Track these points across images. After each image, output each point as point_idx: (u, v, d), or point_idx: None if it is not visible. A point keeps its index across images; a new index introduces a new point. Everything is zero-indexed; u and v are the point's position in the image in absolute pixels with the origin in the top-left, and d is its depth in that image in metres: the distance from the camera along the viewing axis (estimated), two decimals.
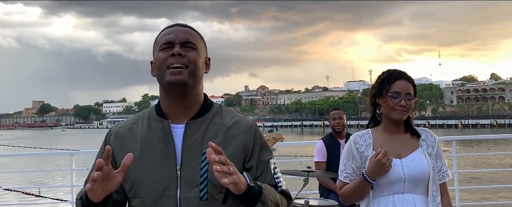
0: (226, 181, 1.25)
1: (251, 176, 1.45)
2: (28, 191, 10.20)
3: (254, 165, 1.49)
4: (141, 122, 1.53)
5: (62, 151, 10.77)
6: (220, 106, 1.57)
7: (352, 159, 2.27)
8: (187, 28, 1.52)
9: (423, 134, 2.27)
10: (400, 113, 2.17)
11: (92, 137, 71.59)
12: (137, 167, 1.42)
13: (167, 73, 1.42)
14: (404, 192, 2.16)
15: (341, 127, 4.65)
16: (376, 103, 2.28)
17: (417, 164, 2.17)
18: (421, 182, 2.18)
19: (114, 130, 1.56)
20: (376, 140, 2.25)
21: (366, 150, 2.23)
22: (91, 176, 1.27)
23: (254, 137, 1.50)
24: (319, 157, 4.62)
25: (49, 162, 23.80)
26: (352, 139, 2.30)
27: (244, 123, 1.52)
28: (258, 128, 1.55)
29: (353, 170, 2.26)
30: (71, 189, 5.68)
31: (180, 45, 1.44)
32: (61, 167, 19.22)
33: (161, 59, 1.44)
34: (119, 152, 1.46)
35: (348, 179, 2.28)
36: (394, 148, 2.20)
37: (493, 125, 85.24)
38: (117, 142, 1.51)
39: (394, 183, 2.15)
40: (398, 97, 2.17)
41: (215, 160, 1.25)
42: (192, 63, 1.43)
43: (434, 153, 2.24)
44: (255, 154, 1.49)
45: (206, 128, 1.47)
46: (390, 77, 2.22)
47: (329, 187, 4.50)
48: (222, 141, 1.44)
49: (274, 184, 1.50)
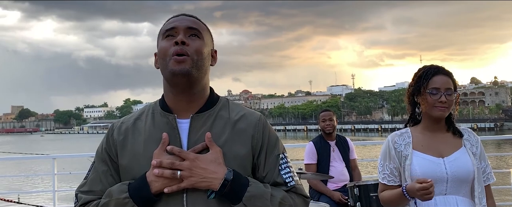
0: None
1: (260, 173, 1.39)
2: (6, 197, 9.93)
3: (263, 161, 1.41)
4: (145, 117, 1.45)
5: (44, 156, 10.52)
6: (227, 100, 1.50)
7: (390, 160, 2.19)
8: (192, 18, 1.45)
9: (465, 134, 2.19)
10: (441, 110, 2.09)
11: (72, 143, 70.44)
12: (141, 163, 1.35)
13: (170, 62, 1.34)
14: (446, 193, 2.07)
15: (331, 128, 4.59)
16: (414, 102, 2.20)
17: (461, 163, 2.08)
18: (465, 183, 2.08)
19: (117, 125, 1.47)
20: (416, 138, 2.17)
21: (406, 149, 2.15)
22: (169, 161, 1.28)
23: (262, 132, 1.43)
24: (309, 159, 4.56)
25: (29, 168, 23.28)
26: (390, 139, 2.22)
27: (252, 117, 1.45)
28: (267, 122, 1.47)
29: (391, 171, 2.18)
30: (53, 194, 5.51)
31: (184, 32, 1.37)
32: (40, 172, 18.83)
33: (165, 48, 1.37)
34: (122, 147, 1.40)
35: (385, 180, 2.20)
36: (436, 147, 2.13)
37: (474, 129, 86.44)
38: (120, 137, 1.42)
39: (436, 184, 2.04)
40: (437, 93, 2.09)
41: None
42: (196, 52, 1.36)
43: (478, 154, 2.16)
44: (263, 150, 1.42)
45: (212, 122, 1.40)
46: (427, 73, 2.15)
47: (319, 189, 4.44)
48: (229, 136, 1.38)
49: (282, 181, 1.41)
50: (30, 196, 11.92)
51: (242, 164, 1.36)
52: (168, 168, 1.28)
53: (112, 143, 1.42)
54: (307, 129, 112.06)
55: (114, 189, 1.33)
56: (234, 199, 1.30)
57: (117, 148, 1.40)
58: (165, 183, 1.29)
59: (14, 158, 20.68)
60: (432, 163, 2.08)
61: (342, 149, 4.59)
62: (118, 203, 1.30)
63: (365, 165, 17.21)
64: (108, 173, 1.40)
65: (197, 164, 1.29)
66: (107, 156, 1.42)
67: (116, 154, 1.40)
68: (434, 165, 2.07)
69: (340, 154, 4.56)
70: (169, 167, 1.28)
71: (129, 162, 1.37)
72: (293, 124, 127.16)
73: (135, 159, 1.36)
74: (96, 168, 1.43)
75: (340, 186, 4.44)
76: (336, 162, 4.51)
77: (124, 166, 1.38)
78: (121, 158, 1.39)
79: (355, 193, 3.90)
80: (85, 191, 1.40)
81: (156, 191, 1.29)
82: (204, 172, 1.29)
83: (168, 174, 1.28)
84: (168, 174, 1.28)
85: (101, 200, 1.34)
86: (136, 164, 1.35)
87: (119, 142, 1.41)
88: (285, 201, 1.37)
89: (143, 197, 1.29)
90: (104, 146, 1.44)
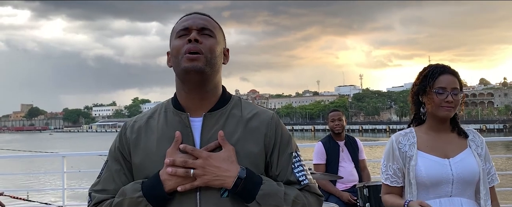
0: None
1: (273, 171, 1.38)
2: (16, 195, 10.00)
3: (276, 159, 1.40)
4: (158, 115, 1.45)
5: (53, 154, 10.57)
6: (239, 99, 1.49)
7: (393, 160, 2.15)
8: (205, 16, 1.45)
9: (470, 134, 2.16)
10: (448, 110, 2.06)
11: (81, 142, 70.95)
12: (154, 162, 1.34)
13: (183, 60, 1.34)
14: (452, 195, 2.03)
15: (340, 128, 4.57)
16: (419, 101, 2.17)
17: (466, 164, 2.05)
18: (470, 185, 2.05)
19: (130, 124, 1.48)
20: (421, 139, 2.14)
21: (410, 150, 2.12)
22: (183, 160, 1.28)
23: (275, 130, 1.42)
24: (318, 159, 4.54)
25: (37, 166, 23.44)
26: (393, 139, 2.18)
27: (264, 116, 1.44)
28: (280, 120, 1.46)
29: (394, 171, 2.15)
30: (62, 192, 5.54)
31: (197, 31, 1.37)
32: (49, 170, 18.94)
33: (178, 46, 1.37)
34: (135, 146, 1.40)
35: (388, 181, 2.16)
36: (441, 148, 2.10)
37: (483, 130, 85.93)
38: (133, 135, 1.42)
39: (442, 185, 2.02)
40: (444, 93, 2.05)
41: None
42: (209, 50, 1.36)
43: (483, 155, 2.13)
44: (276, 148, 1.41)
45: (225, 120, 1.39)
46: (433, 72, 2.11)
47: (328, 189, 4.42)
48: (241, 134, 1.37)
49: (296, 179, 1.40)
50: (39, 194, 12.00)
51: (255, 163, 1.35)
52: (181, 166, 1.28)
53: (125, 142, 1.42)
54: (315, 129, 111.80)
55: (128, 188, 1.33)
56: (247, 198, 1.29)
57: (130, 147, 1.40)
58: (178, 181, 1.28)
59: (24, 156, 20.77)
60: (437, 164, 2.05)
61: (351, 150, 4.57)
62: (131, 202, 1.30)
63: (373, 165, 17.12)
64: (121, 172, 1.40)
65: (210, 162, 1.29)
66: (120, 155, 1.42)
67: (129, 152, 1.40)
68: (439, 166, 2.03)
69: (349, 154, 4.54)
70: (182, 165, 1.28)
71: (142, 161, 1.37)
72: (300, 124, 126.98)
73: (148, 158, 1.36)
74: (109, 167, 1.43)
75: (349, 187, 4.42)
76: (345, 162, 4.49)
77: (137, 164, 1.38)
78: (134, 157, 1.39)
79: (364, 194, 3.88)
80: (98, 190, 1.40)
81: (169, 190, 1.29)
82: (217, 170, 1.28)
83: (181, 172, 1.27)
84: (181, 172, 1.27)
85: (115, 199, 1.34)
86: (149, 163, 1.35)
87: (132, 140, 1.41)
88: (299, 199, 1.36)
89: (156, 196, 1.29)
90: (117, 145, 1.44)
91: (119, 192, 1.34)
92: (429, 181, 2.03)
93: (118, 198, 1.33)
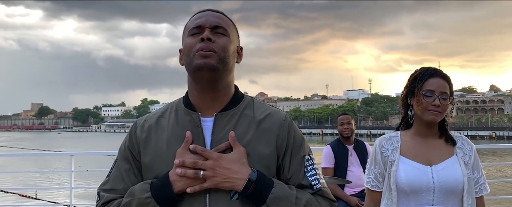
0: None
1: (284, 174, 1.36)
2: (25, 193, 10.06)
3: (288, 162, 1.37)
4: (169, 115, 1.43)
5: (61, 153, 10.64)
6: (252, 99, 1.47)
7: (375, 164, 2.10)
8: (218, 13, 1.42)
9: (459, 141, 2.07)
10: (434, 114, 1.97)
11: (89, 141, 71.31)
12: (163, 161, 1.32)
13: (196, 57, 1.32)
14: (433, 204, 1.96)
15: (349, 132, 4.53)
16: (408, 104, 2.10)
17: (449, 173, 1.97)
18: (454, 194, 1.97)
19: (140, 123, 1.46)
20: (405, 143, 2.07)
21: (392, 155, 2.05)
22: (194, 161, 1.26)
23: (288, 132, 1.39)
24: (326, 163, 4.49)
25: (46, 164, 23.59)
26: (377, 143, 2.12)
27: (277, 116, 1.41)
28: (293, 122, 1.43)
29: (375, 176, 2.10)
30: (69, 191, 5.55)
31: (210, 29, 1.35)
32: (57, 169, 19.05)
33: (190, 44, 1.35)
34: (144, 145, 1.38)
35: (369, 184, 2.11)
36: (425, 154, 2.02)
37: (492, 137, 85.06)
38: (143, 134, 1.40)
39: (422, 193, 1.96)
40: (431, 96, 1.98)
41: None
42: (222, 49, 1.33)
43: (471, 163, 2.03)
44: (289, 150, 1.38)
45: (236, 121, 1.36)
46: (423, 74, 2.04)
47: (336, 194, 4.37)
48: (253, 135, 1.34)
49: (308, 183, 1.36)
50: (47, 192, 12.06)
51: (266, 165, 1.33)
52: (191, 167, 1.25)
53: (135, 141, 1.40)
54: (323, 133, 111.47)
55: (136, 188, 1.31)
56: (258, 201, 1.27)
57: (139, 146, 1.39)
58: (187, 183, 1.26)
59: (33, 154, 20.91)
60: (418, 171, 1.98)
61: (360, 154, 4.52)
62: (140, 202, 1.28)
63: None
64: (130, 171, 1.38)
65: (220, 164, 1.26)
66: (130, 154, 1.40)
67: (138, 152, 1.39)
68: (420, 173, 1.96)
69: (358, 158, 4.49)
70: (192, 166, 1.25)
71: (151, 160, 1.35)
72: (308, 128, 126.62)
73: (157, 157, 1.34)
74: (119, 166, 1.41)
75: (358, 191, 4.38)
76: (353, 166, 4.44)
77: (146, 164, 1.36)
78: (144, 156, 1.37)
79: None
80: (107, 189, 1.38)
81: (178, 191, 1.27)
82: (228, 172, 1.26)
83: (190, 173, 1.25)
84: (190, 173, 1.25)
85: (123, 199, 1.32)
86: (159, 162, 1.33)
87: (142, 140, 1.39)
88: (311, 203, 1.32)
89: (165, 196, 1.26)
90: (126, 144, 1.42)
91: (128, 192, 1.32)
92: (409, 188, 1.97)
93: (127, 198, 1.30)
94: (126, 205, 1.30)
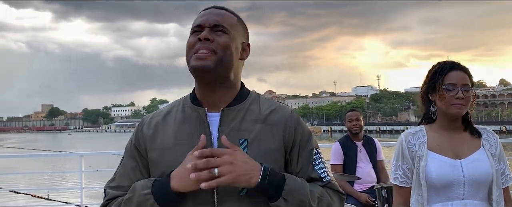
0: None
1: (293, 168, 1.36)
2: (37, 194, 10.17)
3: (296, 156, 1.38)
4: (175, 111, 1.43)
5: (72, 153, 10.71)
6: (258, 95, 1.47)
7: (403, 160, 2.08)
8: (221, 11, 1.41)
9: (484, 133, 2.07)
10: (459, 107, 1.97)
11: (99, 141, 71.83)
12: (170, 157, 1.33)
13: (192, 58, 1.32)
14: (464, 197, 1.95)
15: (358, 128, 4.52)
16: (429, 99, 2.09)
17: (479, 166, 1.96)
18: (483, 187, 1.97)
19: (147, 119, 1.46)
20: (432, 138, 2.05)
21: (420, 149, 2.04)
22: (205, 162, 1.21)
23: (295, 126, 1.39)
24: (335, 159, 4.49)
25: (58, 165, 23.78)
26: (403, 138, 2.11)
27: (283, 111, 1.41)
28: (299, 116, 1.44)
29: (403, 172, 2.08)
30: (80, 191, 5.59)
31: (209, 28, 1.35)
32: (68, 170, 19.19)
33: (190, 44, 1.36)
34: (151, 142, 1.39)
35: (398, 181, 2.10)
36: (453, 148, 2.01)
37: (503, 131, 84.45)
38: (149, 131, 1.41)
39: (453, 187, 1.95)
40: (454, 89, 1.97)
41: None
42: (221, 48, 1.33)
43: (498, 154, 2.03)
44: (296, 144, 1.38)
45: (243, 116, 1.37)
46: (443, 68, 2.03)
47: (346, 190, 4.36)
48: (260, 130, 1.34)
49: (318, 176, 1.37)
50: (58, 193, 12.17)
51: (274, 159, 1.32)
52: (205, 168, 1.21)
53: (141, 138, 1.41)
54: (332, 129, 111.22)
55: (138, 184, 1.32)
56: (272, 194, 1.25)
57: (146, 143, 1.39)
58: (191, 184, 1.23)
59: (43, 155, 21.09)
60: (448, 166, 1.97)
61: (369, 150, 4.51)
62: (139, 198, 1.27)
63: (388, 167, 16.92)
64: (136, 169, 1.39)
65: (237, 157, 1.23)
66: (136, 152, 1.41)
67: (145, 149, 1.39)
68: (450, 168, 1.95)
69: (367, 155, 4.48)
70: (205, 167, 1.21)
71: (158, 157, 1.36)
72: (317, 125, 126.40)
73: (164, 154, 1.35)
74: (125, 163, 1.42)
75: (367, 188, 4.37)
76: (363, 163, 4.44)
77: (153, 160, 1.37)
78: (151, 153, 1.37)
79: (382, 195, 3.82)
80: (113, 187, 1.39)
81: (180, 190, 1.24)
82: (245, 165, 1.23)
83: (205, 175, 1.20)
84: (205, 175, 1.20)
85: (126, 195, 1.32)
86: (166, 159, 1.33)
87: (149, 136, 1.40)
88: (323, 196, 1.33)
89: (165, 195, 1.25)
90: (133, 142, 1.43)
91: (131, 188, 1.32)
92: (439, 183, 1.96)
93: (129, 194, 1.31)
94: (128, 200, 1.30)
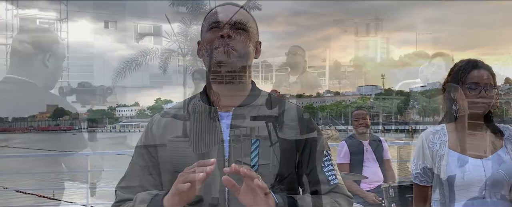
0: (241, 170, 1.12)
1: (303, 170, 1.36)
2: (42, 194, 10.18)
3: (307, 157, 1.37)
4: (186, 110, 1.42)
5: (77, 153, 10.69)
6: (269, 94, 1.46)
7: (423, 159, 2.06)
8: (238, 8, 1.41)
9: (506, 133, 2.04)
10: (482, 106, 1.95)
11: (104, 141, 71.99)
12: (181, 157, 1.33)
13: (215, 53, 1.32)
14: (485, 197, 1.93)
15: (364, 127, 4.49)
16: (450, 98, 2.06)
17: (501, 165, 1.94)
18: (504, 186, 1.95)
19: (156, 119, 1.45)
20: (453, 137, 2.03)
21: (441, 149, 2.01)
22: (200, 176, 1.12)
23: (306, 127, 1.38)
24: (341, 159, 4.46)
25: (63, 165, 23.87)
26: (423, 137, 2.09)
27: (295, 112, 1.41)
28: (310, 117, 1.43)
29: (423, 170, 2.07)
30: (86, 191, 5.60)
31: (229, 26, 1.34)
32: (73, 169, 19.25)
33: (210, 40, 1.35)
34: (161, 141, 1.38)
35: (418, 179, 2.08)
36: (474, 147, 1.99)
37: None
38: (159, 130, 1.40)
39: (474, 187, 1.93)
40: (477, 88, 1.95)
41: (224, 182, 1.14)
42: (241, 46, 1.33)
43: None
44: (307, 145, 1.37)
45: (255, 116, 1.36)
46: (466, 67, 2.01)
47: (352, 190, 4.33)
48: (271, 130, 1.34)
49: (325, 179, 1.36)
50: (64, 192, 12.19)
51: (285, 159, 1.32)
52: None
53: (151, 137, 1.41)
54: (336, 129, 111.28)
55: (140, 195, 1.29)
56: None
57: (156, 142, 1.38)
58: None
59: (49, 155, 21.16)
60: (469, 165, 1.95)
61: (375, 149, 4.49)
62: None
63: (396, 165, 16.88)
64: (146, 168, 1.39)
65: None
66: (146, 151, 1.40)
67: (155, 148, 1.39)
68: (471, 167, 1.94)
69: (373, 154, 4.46)
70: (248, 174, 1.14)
71: (168, 156, 1.35)
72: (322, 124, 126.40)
73: (174, 153, 1.34)
74: (134, 163, 1.41)
75: (374, 187, 4.34)
76: (369, 162, 4.41)
77: (163, 159, 1.36)
78: (160, 152, 1.37)
79: (390, 194, 3.79)
80: (123, 187, 1.39)
81: None
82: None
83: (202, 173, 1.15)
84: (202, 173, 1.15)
85: (130, 203, 1.31)
86: (175, 158, 1.33)
87: (159, 136, 1.39)
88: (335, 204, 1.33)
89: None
90: (142, 141, 1.43)
91: (134, 197, 1.30)
92: (460, 182, 1.94)
93: (132, 203, 1.30)
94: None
